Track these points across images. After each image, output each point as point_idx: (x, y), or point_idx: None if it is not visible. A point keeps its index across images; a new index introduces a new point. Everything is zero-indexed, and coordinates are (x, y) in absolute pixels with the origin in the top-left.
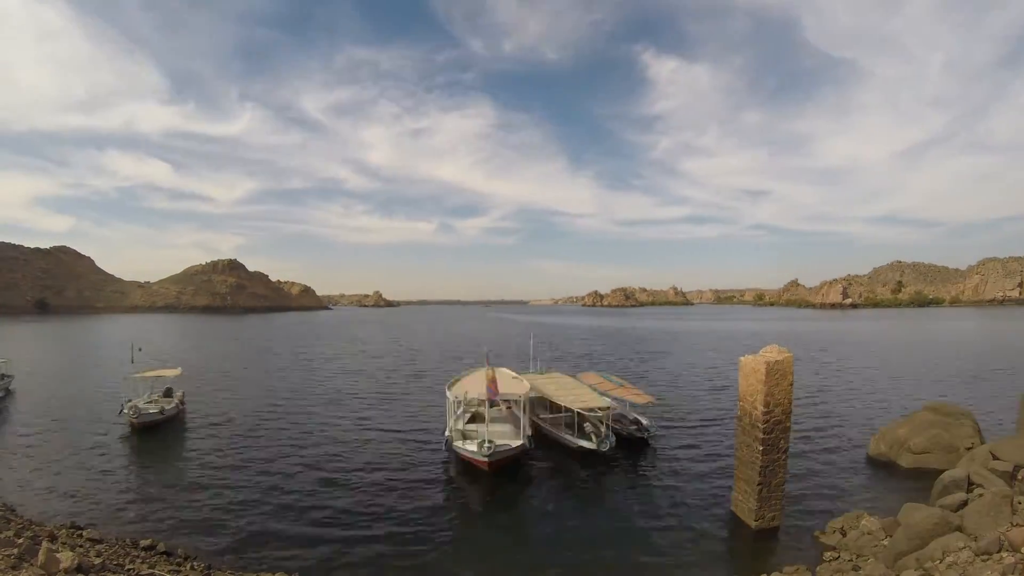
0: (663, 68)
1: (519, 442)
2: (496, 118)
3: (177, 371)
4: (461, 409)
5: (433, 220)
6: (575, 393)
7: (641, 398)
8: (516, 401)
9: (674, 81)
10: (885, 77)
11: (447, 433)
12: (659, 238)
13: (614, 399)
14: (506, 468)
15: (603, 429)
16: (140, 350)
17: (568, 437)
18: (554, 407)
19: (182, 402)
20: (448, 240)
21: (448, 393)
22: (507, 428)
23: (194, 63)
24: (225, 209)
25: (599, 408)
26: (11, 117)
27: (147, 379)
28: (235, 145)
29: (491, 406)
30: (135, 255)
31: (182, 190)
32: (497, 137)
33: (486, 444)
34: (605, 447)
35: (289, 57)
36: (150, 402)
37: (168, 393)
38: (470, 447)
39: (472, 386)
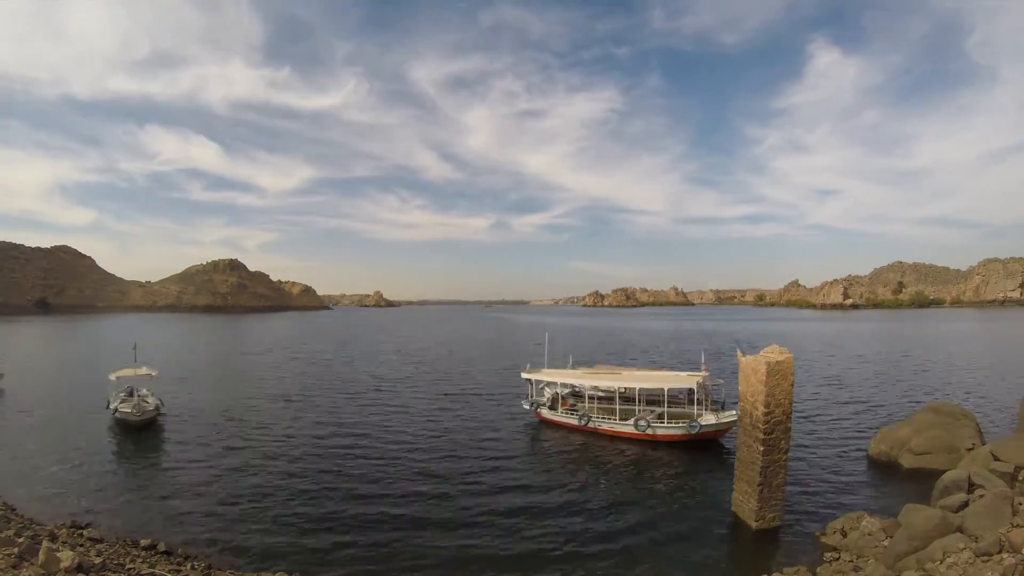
0: (823, 60)
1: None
2: (619, 103)
3: (153, 372)
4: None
5: (491, 216)
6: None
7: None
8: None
9: (825, 74)
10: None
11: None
12: (713, 237)
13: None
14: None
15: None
16: (135, 348)
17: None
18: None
19: (161, 405)
20: (494, 238)
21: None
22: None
23: (305, 12)
24: (268, 201)
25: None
26: (42, 78)
27: (123, 378)
28: (313, 122)
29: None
30: (152, 253)
31: (226, 177)
32: (607, 126)
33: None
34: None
35: (423, 11)
36: (135, 400)
37: (144, 395)
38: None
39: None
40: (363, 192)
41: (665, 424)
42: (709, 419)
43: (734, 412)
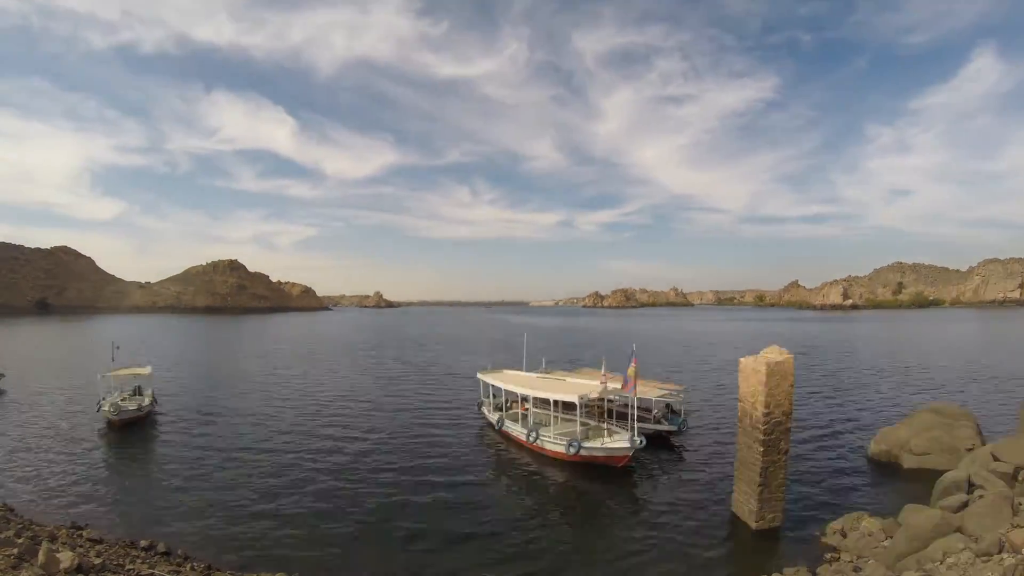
0: (976, 65)
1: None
2: (772, 91)
3: (147, 370)
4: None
5: (560, 212)
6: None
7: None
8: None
9: (970, 78)
10: None
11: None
12: (766, 237)
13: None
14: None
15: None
16: (118, 348)
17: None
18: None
19: (155, 400)
20: (553, 235)
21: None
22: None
23: None
24: (324, 191)
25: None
26: (102, 15)
27: (119, 377)
28: (436, 94)
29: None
30: (175, 251)
31: (290, 161)
32: (742, 118)
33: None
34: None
35: None
36: (124, 400)
37: (139, 391)
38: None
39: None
40: (437, 183)
41: (552, 439)
42: (595, 443)
43: (639, 441)
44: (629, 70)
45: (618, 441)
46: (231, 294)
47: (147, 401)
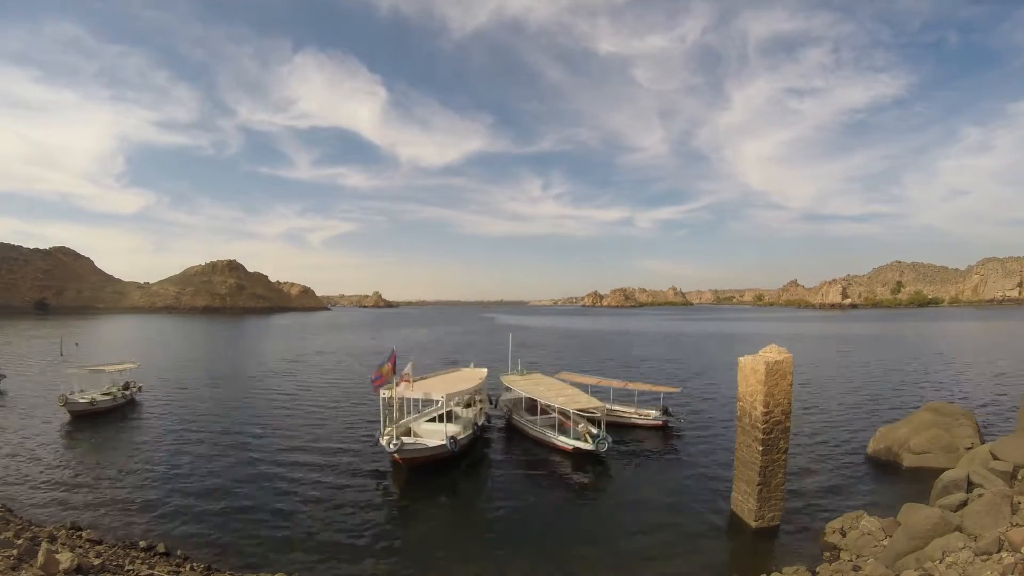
0: None
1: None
2: (901, 88)
3: (132, 364)
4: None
5: (625, 208)
6: (565, 394)
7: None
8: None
9: None
10: None
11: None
12: (814, 235)
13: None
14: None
15: (599, 429)
16: (77, 345)
17: (562, 439)
18: (542, 409)
19: (129, 391)
20: (600, 232)
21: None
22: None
23: None
24: (383, 181)
25: (593, 408)
26: None
27: (103, 372)
28: (569, 71)
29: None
30: (192, 248)
31: (363, 143)
32: (855, 115)
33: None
34: (603, 448)
35: None
36: (108, 394)
37: (127, 385)
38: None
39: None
40: (514, 174)
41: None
42: (411, 439)
43: (460, 435)
44: (774, 59)
45: (430, 441)
46: (230, 294)
47: (128, 392)
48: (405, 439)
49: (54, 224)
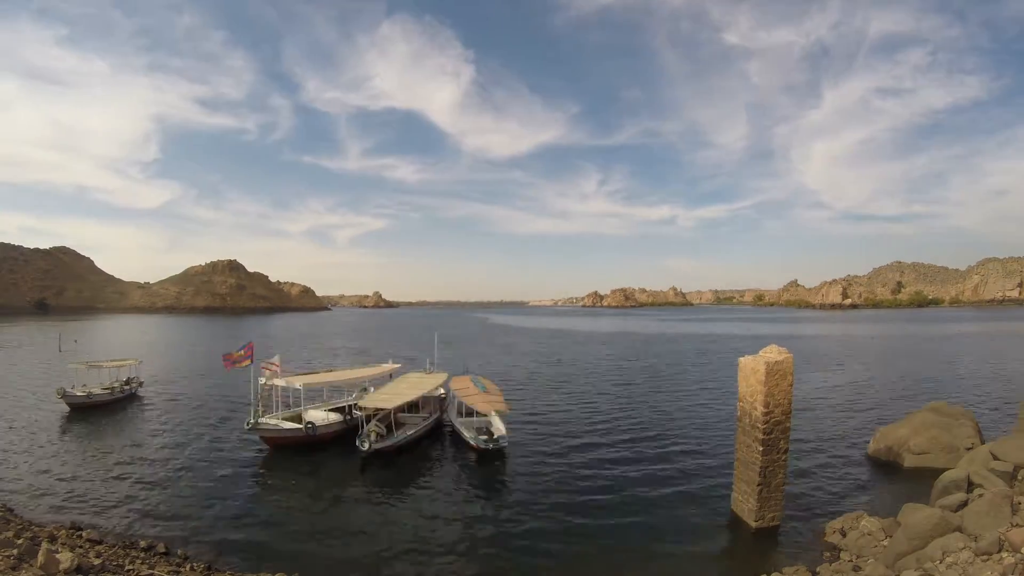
0: None
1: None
2: (983, 91)
3: (134, 361)
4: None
5: (674, 205)
6: (391, 392)
7: (488, 406)
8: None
9: None
10: None
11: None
12: (845, 234)
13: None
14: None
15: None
16: (76, 342)
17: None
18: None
19: (130, 386)
20: (641, 230)
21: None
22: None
23: None
24: (434, 174)
25: (375, 408)
26: None
27: (107, 367)
28: (684, 58)
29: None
30: (209, 246)
31: (434, 128)
32: (935, 115)
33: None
34: (364, 447)
35: None
36: (107, 388)
37: (129, 381)
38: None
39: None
40: (575, 168)
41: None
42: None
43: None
44: (876, 58)
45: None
46: (230, 294)
47: (129, 387)
48: (269, 421)
49: (66, 220)
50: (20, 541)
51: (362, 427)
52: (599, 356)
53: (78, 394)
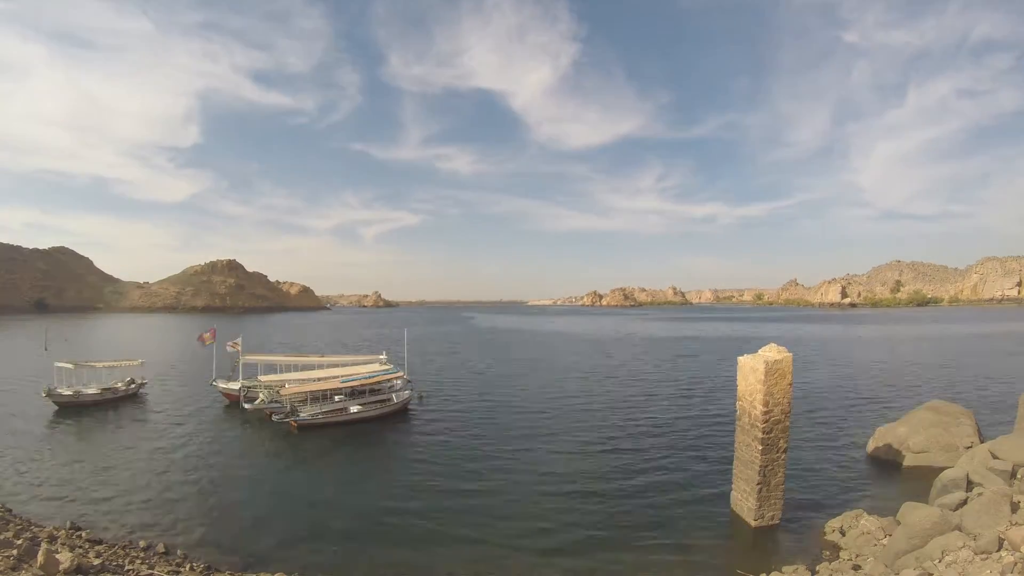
0: None
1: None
2: None
3: (136, 362)
4: None
5: (718, 204)
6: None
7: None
8: None
9: None
10: None
11: None
12: (876, 232)
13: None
14: None
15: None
16: (66, 340)
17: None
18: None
19: (131, 387)
20: (676, 228)
21: None
22: None
23: None
24: (493, 165)
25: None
26: None
27: (109, 368)
28: (806, 49)
29: None
30: (221, 244)
31: (512, 115)
32: (1005, 119)
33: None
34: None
35: None
36: (107, 388)
37: (132, 381)
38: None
39: None
40: (639, 161)
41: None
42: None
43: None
44: (968, 59)
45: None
46: (229, 294)
47: (128, 388)
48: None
49: (76, 215)
50: (20, 541)
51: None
52: (600, 356)
53: (65, 393)
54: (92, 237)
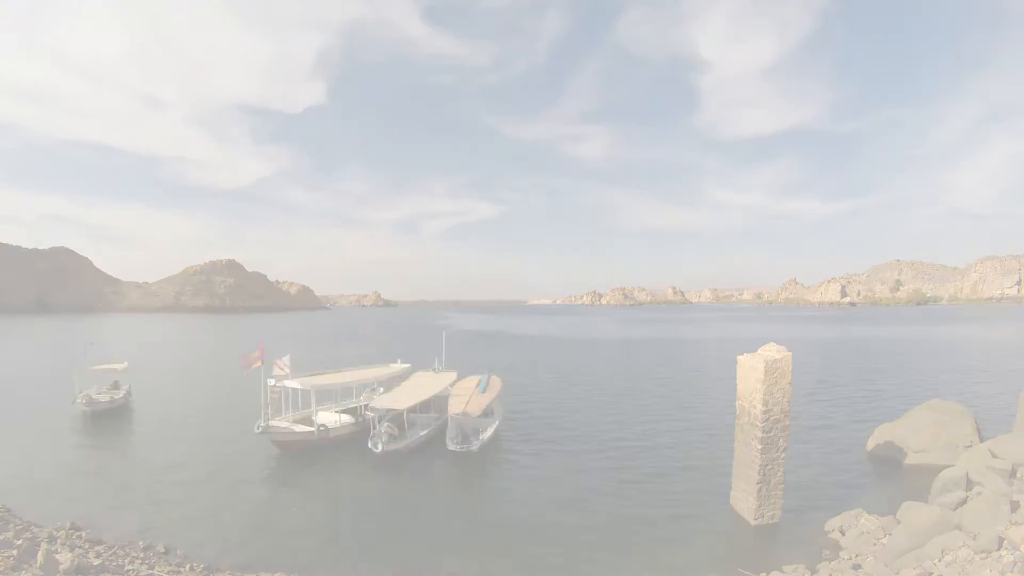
0: None
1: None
2: None
3: (123, 365)
4: None
5: (810, 198)
6: (406, 390)
7: (458, 406)
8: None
9: None
10: None
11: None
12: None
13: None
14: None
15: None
16: (92, 344)
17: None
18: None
19: (129, 393)
20: (758, 224)
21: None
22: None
23: None
24: (623, 150)
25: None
26: None
27: (95, 372)
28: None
29: None
30: (270, 235)
31: (687, 92)
32: None
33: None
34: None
35: None
36: (99, 393)
37: (116, 385)
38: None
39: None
40: (771, 154)
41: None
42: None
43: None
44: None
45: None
46: (229, 294)
47: (121, 394)
48: (280, 424)
49: (107, 205)
50: (20, 541)
51: (374, 428)
52: (597, 356)
53: (103, 400)
54: (111, 232)
